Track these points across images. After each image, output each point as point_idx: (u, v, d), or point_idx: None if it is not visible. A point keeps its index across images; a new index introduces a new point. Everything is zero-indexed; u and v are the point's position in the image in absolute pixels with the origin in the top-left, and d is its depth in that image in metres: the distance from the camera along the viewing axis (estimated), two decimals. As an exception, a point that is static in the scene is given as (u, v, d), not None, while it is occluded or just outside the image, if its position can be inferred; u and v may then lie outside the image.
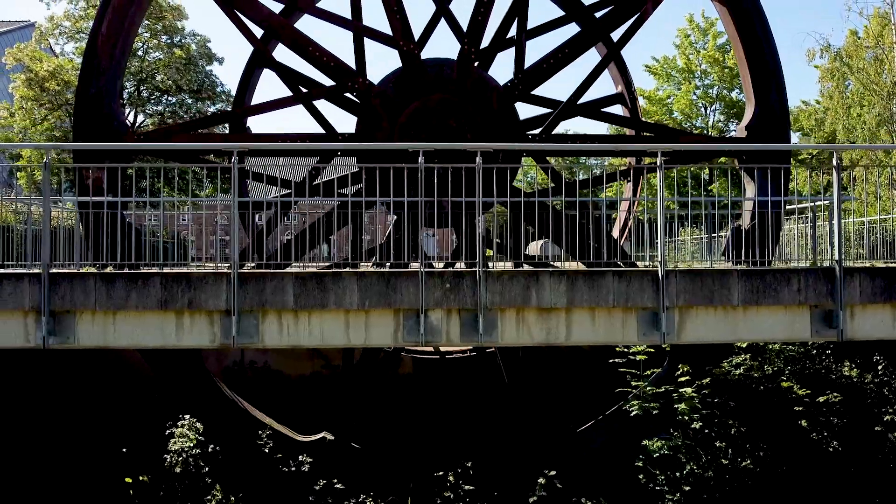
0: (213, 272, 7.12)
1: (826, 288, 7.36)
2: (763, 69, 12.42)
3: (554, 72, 12.55)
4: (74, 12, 28.57)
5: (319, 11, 12.45)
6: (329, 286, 7.08)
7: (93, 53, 11.97)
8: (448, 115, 11.91)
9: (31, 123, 27.24)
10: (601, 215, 12.42)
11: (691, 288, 7.28)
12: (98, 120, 11.92)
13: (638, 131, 13.70)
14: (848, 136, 23.21)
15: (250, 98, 13.79)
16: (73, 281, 7.01)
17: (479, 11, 12.17)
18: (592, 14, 13.42)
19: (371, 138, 11.94)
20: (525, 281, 7.18)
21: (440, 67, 12.14)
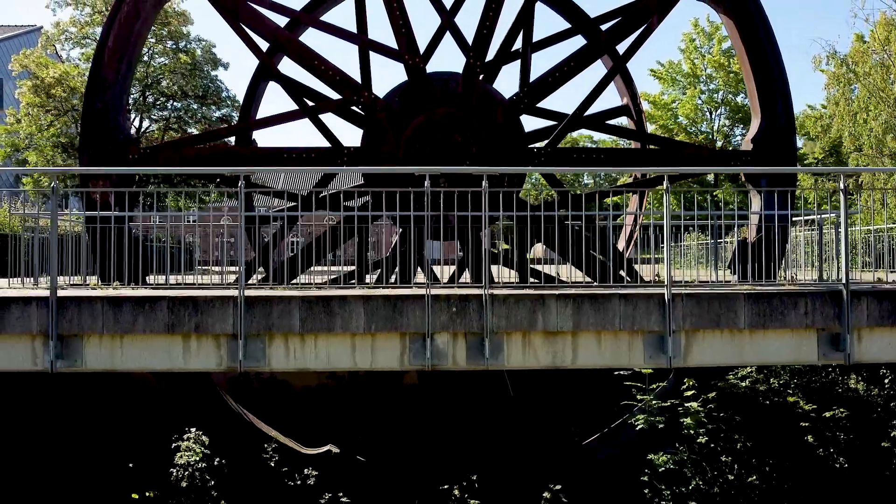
0: (219, 295, 7.13)
1: (833, 311, 7.34)
2: (769, 82, 12.40)
3: (559, 85, 12.55)
4: (80, 18, 28.66)
5: (325, 25, 12.46)
6: (335, 310, 7.09)
7: (99, 67, 12.02)
8: (453, 128, 11.92)
9: (37, 129, 27.35)
10: (607, 227, 12.43)
11: (697, 311, 7.27)
12: (104, 134, 11.98)
13: (643, 144, 13.67)
14: (854, 144, 23.14)
15: (256, 110, 13.82)
16: (81, 305, 7.04)
17: (484, 25, 12.18)
18: (598, 26, 13.42)
19: (376, 152, 11.96)
20: (531, 304, 7.18)
21: (445, 81, 12.15)
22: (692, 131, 33.41)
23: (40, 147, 27.67)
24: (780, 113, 12.38)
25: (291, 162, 12.28)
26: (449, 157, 11.85)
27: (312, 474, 11.59)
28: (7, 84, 36.53)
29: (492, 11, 12.17)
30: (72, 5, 28.49)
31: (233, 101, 31.34)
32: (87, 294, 7.17)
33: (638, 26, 12.56)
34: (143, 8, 12.13)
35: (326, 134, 12.70)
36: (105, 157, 11.97)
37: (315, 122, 12.74)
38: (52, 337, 6.96)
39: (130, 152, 12.07)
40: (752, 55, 12.42)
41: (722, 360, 7.53)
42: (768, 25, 12.57)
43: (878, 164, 22.19)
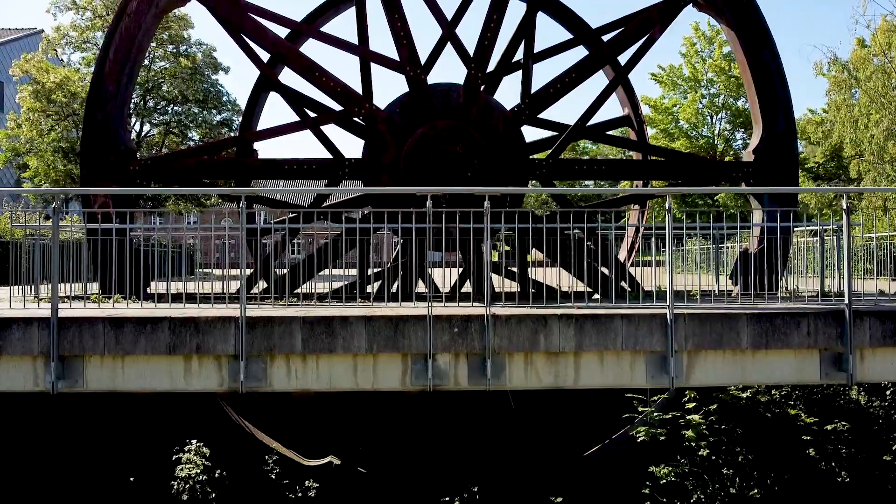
0: (220, 316, 7.12)
1: (836, 331, 7.33)
2: (771, 94, 12.39)
3: (560, 96, 12.53)
4: (81, 23, 28.64)
5: (326, 37, 12.45)
6: (337, 330, 7.09)
7: (100, 79, 12.02)
8: (455, 140, 11.91)
9: (37, 134, 27.33)
10: (608, 238, 12.42)
11: (700, 331, 7.26)
12: (105, 145, 11.98)
13: (645, 155, 13.65)
14: (855, 150, 23.12)
15: (257, 121, 13.80)
16: (82, 326, 7.03)
17: (485, 36, 12.17)
18: (600, 37, 13.41)
19: (378, 163, 11.96)
20: (533, 325, 7.17)
21: (447, 93, 12.14)
22: (693, 135, 33.40)
23: (41, 152, 27.65)
24: (781, 125, 12.37)
25: (292, 173, 12.29)
26: (450, 169, 11.84)
27: (313, 486, 11.59)
28: (8, 87, 36.53)
29: (493, 23, 12.14)
30: (72, 10, 28.49)
31: (233, 105, 31.33)
32: (88, 315, 7.16)
33: (640, 37, 12.56)
34: (145, 20, 12.13)
35: (328, 145, 12.68)
36: (106, 169, 11.98)
37: (316, 134, 12.72)
38: (53, 358, 6.95)
39: (131, 164, 12.08)
40: (755, 67, 12.41)
41: (724, 380, 7.53)
42: (770, 37, 12.57)
43: (880, 170, 22.19)
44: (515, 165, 11.98)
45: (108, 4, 28.10)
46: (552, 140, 13.74)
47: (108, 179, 12.02)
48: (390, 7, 12.07)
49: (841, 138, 23.37)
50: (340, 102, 12.31)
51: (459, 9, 13.17)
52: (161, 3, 12.27)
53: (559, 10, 13.79)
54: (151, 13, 12.20)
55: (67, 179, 27.27)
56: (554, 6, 13.74)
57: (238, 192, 7.57)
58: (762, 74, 12.42)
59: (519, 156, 12.05)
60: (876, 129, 21.79)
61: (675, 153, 12.87)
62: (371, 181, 12.01)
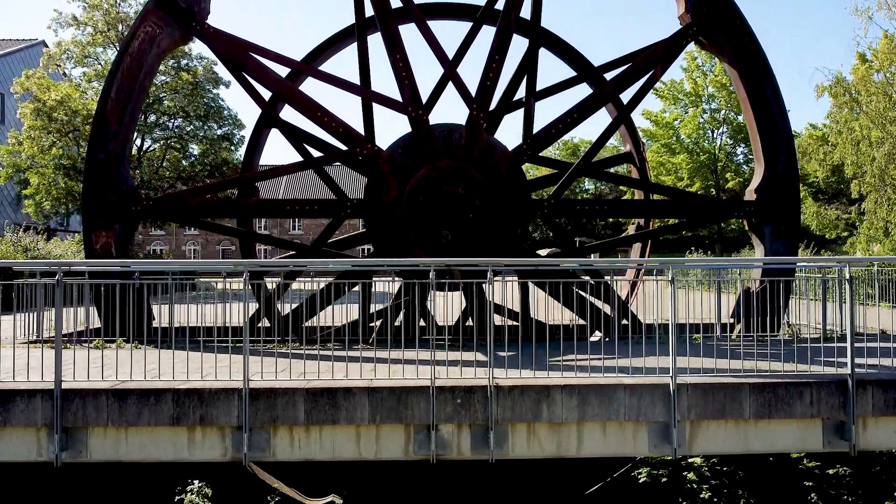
0: (224, 388, 7.12)
1: (838, 401, 7.34)
2: (773, 133, 12.41)
3: (562, 135, 12.55)
4: (82, 38, 28.66)
5: (328, 77, 12.43)
6: (340, 402, 7.09)
7: (102, 118, 12.03)
8: (456, 181, 11.93)
9: (38, 151, 27.37)
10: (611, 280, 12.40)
11: (702, 402, 7.27)
12: (108, 185, 11.99)
13: (647, 194, 13.66)
14: (856, 171, 23.09)
15: (259, 157, 13.81)
16: (86, 398, 7.04)
17: (487, 76, 12.17)
18: (602, 75, 13.40)
19: (379, 203, 11.99)
20: (536, 395, 7.18)
21: (449, 133, 12.15)
22: (694, 150, 33.37)
23: (42, 168, 27.67)
24: (783, 164, 12.38)
25: (294, 213, 12.30)
26: (452, 210, 11.85)
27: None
28: (9, 99, 36.50)
29: (495, 63, 12.15)
30: (73, 26, 28.50)
31: (235, 119, 31.35)
32: (91, 386, 7.16)
33: (642, 76, 12.57)
34: (146, 60, 12.14)
35: (330, 184, 12.67)
36: (108, 209, 11.99)
37: (319, 173, 12.73)
38: (57, 430, 6.96)
39: (134, 204, 12.09)
40: (756, 105, 12.42)
41: (726, 448, 7.53)
42: (772, 75, 12.57)
43: (881, 191, 22.16)
44: (517, 206, 11.99)
45: (109, 21, 28.14)
46: (554, 177, 13.74)
47: (111, 220, 12.05)
48: (392, 47, 12.07)
49: (842, 158, 23.35)
50: (343, 142, 12.33)
51: (461, 48, 13.15)
52: (163, 44, 12.26)
53: (561, 47, 13.80)
54: (153, 53, 12.20)
55: (69, 197, 27.32)
56: (556, 43, 13.75)
57: (241, 263, 7.56)
58: (764, 113, 12.43)
59: (521, 196, 12.06)
60: (877, 152, 21.75)
61: (677, 191, 12.83)
62: (373, 221, 12.02)
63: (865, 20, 23.47)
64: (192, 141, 30.89)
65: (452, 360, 8.71)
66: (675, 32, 12.56)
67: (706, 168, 33.78)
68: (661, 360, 7.88)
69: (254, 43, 12.25)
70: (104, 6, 28.22)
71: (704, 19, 12.43)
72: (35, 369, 7.55)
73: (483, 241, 11.92)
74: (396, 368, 8.22)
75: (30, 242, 20.99)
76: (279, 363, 8.89)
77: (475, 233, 11.90)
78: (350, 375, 7.58)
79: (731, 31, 12.44)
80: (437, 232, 11.86)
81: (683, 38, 12.56)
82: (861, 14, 23.58)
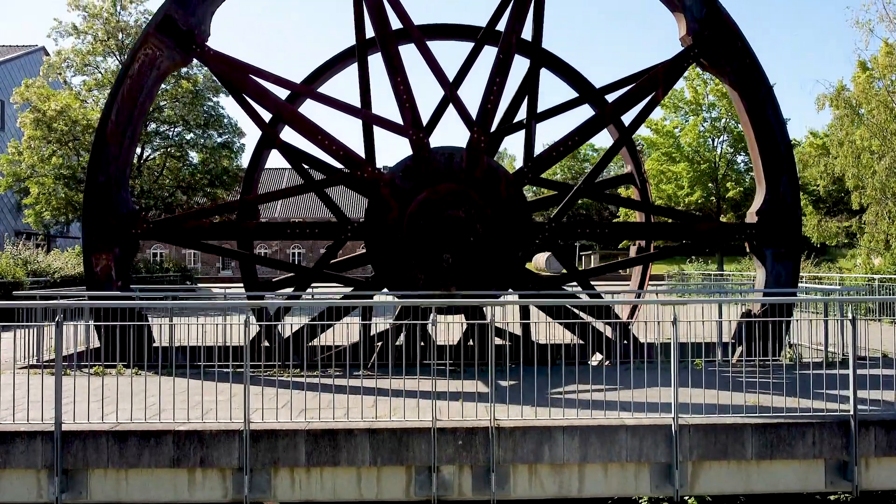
0: (225, 429, 7.10)
1: (841, 441, 7.32)
2: (775, 155, 12.38)
3: (562, 157, 12.52)
4: (82, 47, 28.61)
5: (329, 100, 12.40)
6: (341, 444, 7.07)
7: (102, 141, 12.01)
8: (457, 205, 11.91)
9: (39, 160, 27.32)
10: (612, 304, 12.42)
11: (704, 443, 7.25)
12: (107, 208, 11.97)
13: (647, 215, 13.63)
14: (857, 183, 23.06)
15: (259, 178, 13.79)
16: (86, 440, 7.02)
17: (488, 99, 12.15)
18: (604, 96, 13.38)
19: (381, 225, 11.97)
20: (538, 437, 7.16)
21: (450, 156, 12.13)
22: (695, 157, 33.33)
23: (42, 177, 27.62)
24: (785, 185, 12.35)
25: (295, 237, 12.28)
26: (452, 234, 11.83)
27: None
28: (9, 107, 36.45)
29: (496, 86, 12.12)
30: (73, 35, 28.45)
31: (235, 127, 31.31)
32: (91, 428, 7.14)
33: (643, 98, 12.54)
34: (146, 82, 12.12)
35: (331, 207, 12.66)
36: (108, 232, 11.97)
37: (320, 195, 12.71)
38: (57, 472, 6.94)
39: (134, 227, 12.07)
40: (758, 129, 12.40)
41: (728, 489, 7.50)
42: (773, 97, 12.56)
43: (882, 204, 22.14)
44: (518, 228, 11.97)
45: (110, 30, 28.09)
46: (554, 198, 13.71)
47: (111, 242, 12.03)
48: (393, 69, 12.05)
49: (843, 171, 23.32)
50: (343, 165, 12.31)
51: (461, 70, 13.14)
52: (162, 66, 12.24)
53: (562, 68, 13.77)
54: (153, 76, 12.18)
55: (68, 207, 27.28)
56: (557, 63, 13.73)
57: (242, 304, 7.53)
58: (765, 135, 12.40)
59: (522, 219, 12.04)
60: (878, 166, 21.71)
61: (677, 213, 12.81)
62: (374, 243, 12.00)
63: (866, 33, 23.46)
64: (193, 149, 30.83)
65: (454, 393, 8.70)
66: (676, 55, 12.54)
67: (707, 176, 33.77)
68: (662, 393, 7.87)
69: (253, 65, 12.23)
70: (104, 15, 28.17)
71: (706, 42, 12.40)
72: (35, 403, 7.52)
73: (484, 265, 11.91)
74: (398, 403, 8.21)
75: (29, 255, 20.96)
76: (280, 395, 8.86)
77: (476, 256, 11.89)
78: (351, 411, 7.57)
79: (732, 53, 12.41)
80: (438, 255, 11.84)
81: (685, 61, 12.53)
82: (862, 26, 23.56)
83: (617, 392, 8.96)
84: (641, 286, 13.62)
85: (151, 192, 28.34)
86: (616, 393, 8.91)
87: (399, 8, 12.13)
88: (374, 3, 11.98)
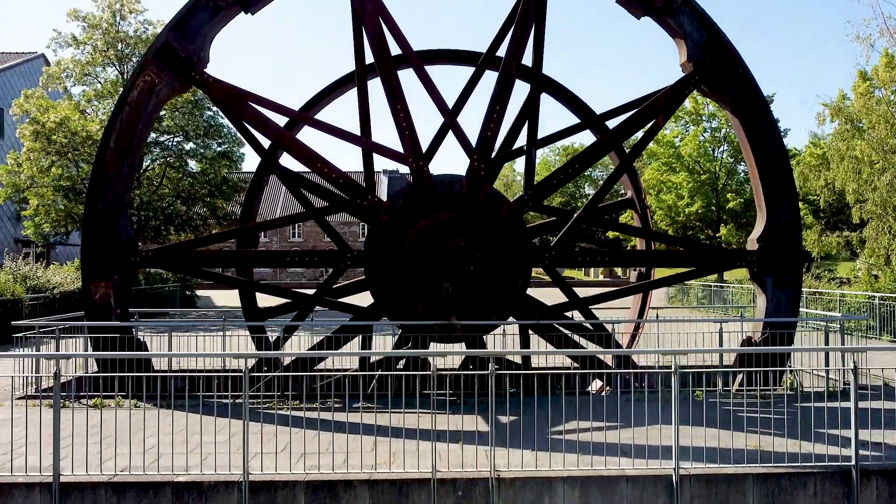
0: (224, 480, 7.08)
1: (842, 491, 7.29)
2: (775, 182, 12.34)
3: (563, 185, 12.48)
4: (81, 57, 28.55)
5: (328, 127, 12.37)
6: (340, 495, 7.05)
7: (101, 168, 11.98)
8: (457, 234, 11.90)
9: (38, 171, 27.26)
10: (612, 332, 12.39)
11: (705, 493, 7.22)
12: (106, 235, 11.93)
13: (648, 242, 13.60)
14: (858, 198, 23.02)
15: (259, 205, 13.76)
16: (84, 492, 6.99)
17: (488, 127, 12.11)
18: (604, 122, 13.34)
19: (381, 253, 11.94)
20: (538, 487, 7.13)
21: (450, 184, 12.10)
22: (695, 168, 33.29)
23: (41, 188, 27.56)
24: (786, 213, 12.31)
25: (294, 265, 12.25)
26: (452, 262, 11.81)
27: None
28: (8, 113, 36.37)
29: (496, 114, 12.08)
30: (72, 46, 28.39)
31: (234, 136, 31.26)
32: (90, 480, 7.10)
33: (644, 124, 12.51)
34: (146, 110, 12.08)
35: (332, 234, 12.62)
36: (107, 260, 11.94)
37: (320, 223, 12.68)
38: (56, 525, 6.92)
39: (133, 255, 12.04)
40: (759, 156, 12.36)
41: (730, 538, 7.47)
42: (776, 127, 12.53)
43: (883, 219, 22.10)
44: (519, 256, 11.94)
45: (109, 40, 28.03)
46: (554, 224, 13.68)
47: (110, 271, 12.00)
48: (393, 97, 12.00)
49: (844, 185, 23.27)
50: (343, 193, 12.28)
51: (461, 97, 13.11)
52: (162, 94, 12.19)
53: (563, 93, 13.73)
54: (152, 103, 12.13)
55: (68, 219, 27.23)
56: (557, 89, 13.68)
57: (241, 356, 7.50)
58: (766, 162, 12.36)
59: (522, 247, 12.01)
60: (879, 181, 21.66)
61: (678, 239, 12.76)
62: (373, 272, 11.97)
63: (867, 48, 23.38)
64: (192, 159, 30.78)
65: (454, 432, 8.68)
66: (676, 82, 12.50)
67: (707, 186, 33.70)
68: (663, 432, 7.87)
69: (252, 93, 12.18)
70: (104, 25, 28.11)
71: (706, 68, 12.35)
72: (34, 445, 7.49)
73: (485, 293, 11.89)
74: (397, 446, 8.19)
75: (29, 270, 20.92)
76: (279, 433, 8.85)
77: (476, 285, 11.87)
78: (350, 456, 7.55)
79: (733, 79, 12.37)
80: (438, 284, 11.82)
81: (685, 88, 12.49)
82: (862, 41, 23.50)
83: (618, 431, 8.94)
84: (641, 314, 13.60)
85: (151, 204, 28.29)
86: (616, 432, 8.89)
87: (399, 35, 12.09)
88: (374, 32, 11.94)
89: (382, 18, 12.01)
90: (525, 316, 12.21)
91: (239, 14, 12.42)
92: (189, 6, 12.04)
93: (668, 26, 12.50)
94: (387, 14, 12.04)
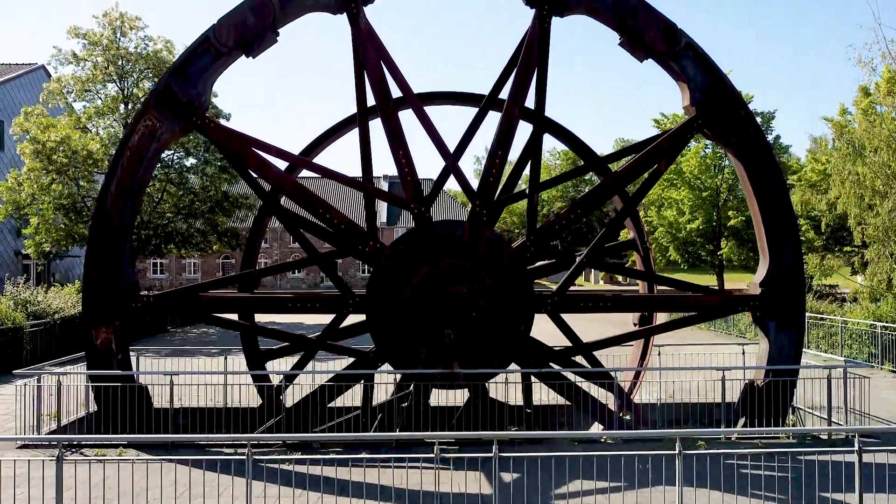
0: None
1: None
2: (778, 226, 12.31)
3: (566, 230, 12.46)
4: (81, 74, 28.45)
5: (330, 173, 12.36)
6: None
7: (102, 214, 11.96)
8: (459, 280, 11.89)
9: (38, 189, 27.16)
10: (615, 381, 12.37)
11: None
12: (107, 281, 11.90)
13: (650, 285, 13.59)
14: (859, 221, 22.99)
15: (260, 246, 13.74)
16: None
17: (490, 172, 12.10)
18: (607, 165, 13.32)
19: (383, 297, 11.93)
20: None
21: (452, 229, 12.08)
22: (696, 183, 33.26)
23: (42, 206, 27.47)
24: (788, 257, 12.28)
25: (296, 310, 12.22)
26: (455, 309, 11.79)
27: None
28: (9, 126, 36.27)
29: (498, 159, 12.07)
30: (73, 63, 28.30)
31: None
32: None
33: (647, 168, 12.48)
34: (147, 154, 12.04)
35: (334, 278, 12.59)
36: (108, 305, 11.91)
37: (323, 268, 12.68)
38: None
39: (134, 300, 12.01)
40: (762, 199, 12.33)
41: None
42: (778, 167, 12.50)
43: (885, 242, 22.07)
44: (520, 303, 11.92)
45: (109, 57, 27.94)
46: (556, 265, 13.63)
47: (111, 316, 11.97)
48: (395, 141, 11.98)
49: (846, 209, 23.24)
50: (346, 238, 12.24)
51: (463, 139, 13.08)
52: (163, 138, 12.16)
53: (565, 135, 13.69)
54: (153, 148, 12.10)
55: (68, 238, 27.18)
56: (560, 130, 13.64)
57: (240, 438, 7.48)
58: (769, 205, 12.32)
59: (524, 292, 11.99)
60: (881, 207, 21.61)
61: (680, 283, 12.77)
62: (376, 317, 11.96)
63: (869, 72, 23.35)
64: (193, 174, 30.64)
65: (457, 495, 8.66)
66: (679, 126, 12.47)
67: (708, 203, 33.66)
68: (667, 497, 7.85)
69: (254, 138, 12.15)
70: (104, 42, 28.02)
71: (709, 111, 12.31)
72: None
73: (487, 339, 11.89)
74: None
75: (29, 296, 20.89)
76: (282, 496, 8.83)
77: (478, 331, 11.86)
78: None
79: (735, 123, 12.33)
80: (440, 330, 11.79)
81: (688, 132, 12.46)
82: (865, 65, 23.46)
83: (621, 494, 8.91)
84: (643, 361, 13.57)
85: (151, 222, 28.20)
86: (620, 495, 8.86)
87: (400, 79, 12.06)
88: (376, 77, 11.91)
89: (384, 62, 11.98)
90: (527, 362, 12.20)
91: (240, 57, 12.37)
92: (190, 51, 11.99)
93: (671, 70, 12.46)
94: (388, 58, 12.01)
